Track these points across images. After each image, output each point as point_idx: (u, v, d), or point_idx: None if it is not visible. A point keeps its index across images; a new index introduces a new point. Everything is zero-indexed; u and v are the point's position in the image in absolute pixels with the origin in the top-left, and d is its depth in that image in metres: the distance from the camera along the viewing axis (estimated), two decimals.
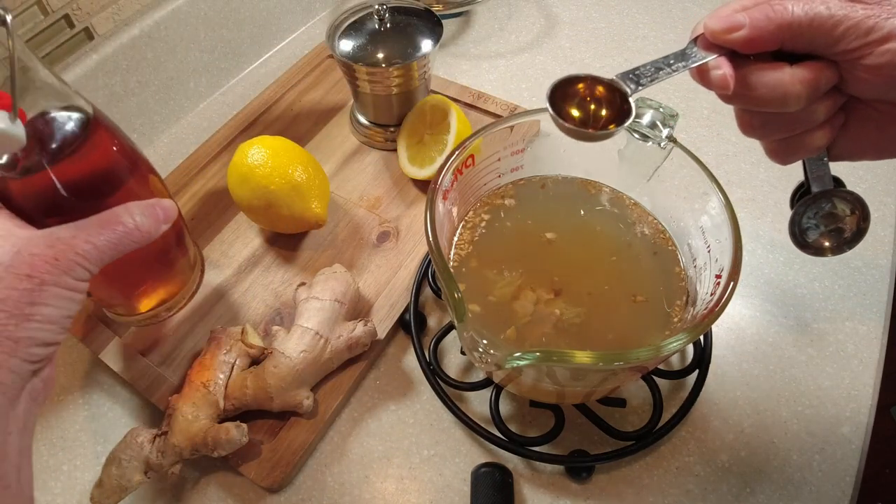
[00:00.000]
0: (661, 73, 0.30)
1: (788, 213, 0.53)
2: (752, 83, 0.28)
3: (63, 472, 0.43)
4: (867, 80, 0.27)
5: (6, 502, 0.25)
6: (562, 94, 0.32)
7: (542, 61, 0.69)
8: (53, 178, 0.32)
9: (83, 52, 0.54)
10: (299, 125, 0.62)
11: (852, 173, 0.56)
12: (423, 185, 0.56)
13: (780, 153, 0.32)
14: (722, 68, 0.28)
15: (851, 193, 0.35)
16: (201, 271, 0.48)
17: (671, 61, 0.30)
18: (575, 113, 0.32)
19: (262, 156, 0.48)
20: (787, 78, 0.28)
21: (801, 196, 0.37)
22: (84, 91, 0.37)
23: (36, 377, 0.28)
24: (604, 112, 0.32)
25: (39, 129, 0.32)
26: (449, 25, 0.74)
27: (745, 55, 0.29)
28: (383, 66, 0.52)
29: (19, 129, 0.28)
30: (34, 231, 0.30)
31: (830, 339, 0.46)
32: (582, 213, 0.44)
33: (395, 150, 0.58)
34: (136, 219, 0.32)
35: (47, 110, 0.32)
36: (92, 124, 0.34)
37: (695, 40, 0.30)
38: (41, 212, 0.33)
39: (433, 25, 0.54)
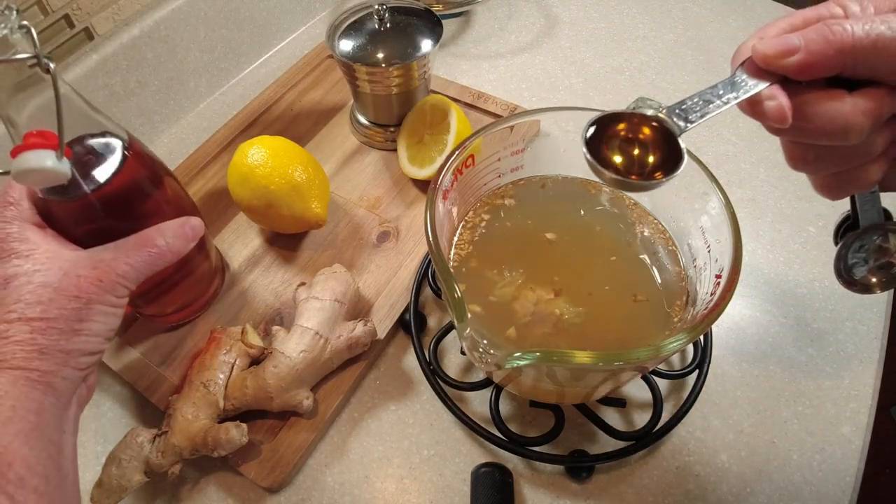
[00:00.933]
0: (710, 106, 0.27)
1: (788, 213, 0.54)
2: (808, 114, 0.25)
3: None
4: None
5: (67, 491, 0.29)
6: (600, 134, 0.29)
7: (542, 61, 0.69)
8: (94, 201, 0.35)
9: (83, 52, 0.54)
10: (299, 125, 0.62)
11: None
12: (423, 185, 0.56)
13: (832, 188, 0.29)
14: (777, 98, 0.25)
15: None
16: (223, 274, 0.50)
17: (720, 92, 0.26)
18: (617, 158, 0.29)
19: (262, 156, 0.48)
20: (847, 108, 0.24)
21: (846, 229, 0.34)
22: (84, 91, 0.37)
23: (83, 383, 0.32)
24: (650, 156, 0.28)
25: (81, 158, 0.35)
26: (449, 25, 0.74)
27: (798, 82, 0.25)
28: (383, 66, 0.52)
29: (65, 167, 0.31)
30: (78, 252, 0.33)
31: (830, 339, 0.46)
32: (582, 213, 0.44)
33: (395, 150, 0.58)
34: (167, 240, 0.36)
35: (85, 139, 0.35)
36: (126, 149, 0.37)
37: (742, 64, 0.26)
38: (82, 231, 0.36)
39: (433, 25, 0.54)
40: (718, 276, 0.34)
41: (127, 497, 0.38)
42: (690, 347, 0.44)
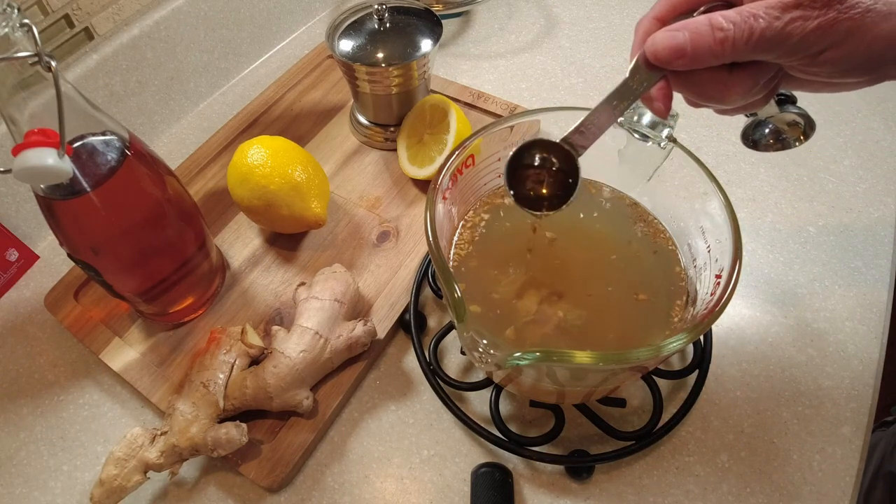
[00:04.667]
0: (605, 122, 0.31)
1: (788, 213, 0.54)
2: (696, 86, 0.30)
3: (63, 472, 0.43)
4: (807, 78, 0.29)
5: None
6: (519, 165, 0.33)
7: (542, 61, 0.69)
8: (95, 199, 0.35)
9: (83, 52, 0.54)
10: (299, 125, 0.62)
11: (852, 173, 0.56)
12: (423, 185, 0.56)
13: (725, 113, 0.34)
14: (659, 101, 0.31)
15: (796, 109, 0.36)
16: (223, 274, 0.50)
17: (615, 103, 0.31)
18: (531, 186, 0.34)
19: (261, 156, 0.48)
20: (729, 82, 0.29)
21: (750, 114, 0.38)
22: (84, 91, 0.37)
23: None
24: (560, 176, 0.34)
25: (82, 157, 0.35)
26: (449, 25, 0.74)
27: None
28: (383, 65, 0.52)
29: (67, 165, 0.31)
30: None
31: (830, 339, 0.46)
32: (582, 213, 0.44)
33: (395, 149, 0.58)
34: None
35: (86, 137, 0.35)
36: (127, 148, 0.37)
37: (637, 58, 0.30)
38: (83, 229, 0.37)
39: (433, 25, 0.54)
40: (718, 276, 0.34)
41: (127, 497, 0.38)
42: (690, 347, 0.44)
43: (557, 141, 0.33)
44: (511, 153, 0.34)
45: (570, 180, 0.34)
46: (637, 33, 0.32)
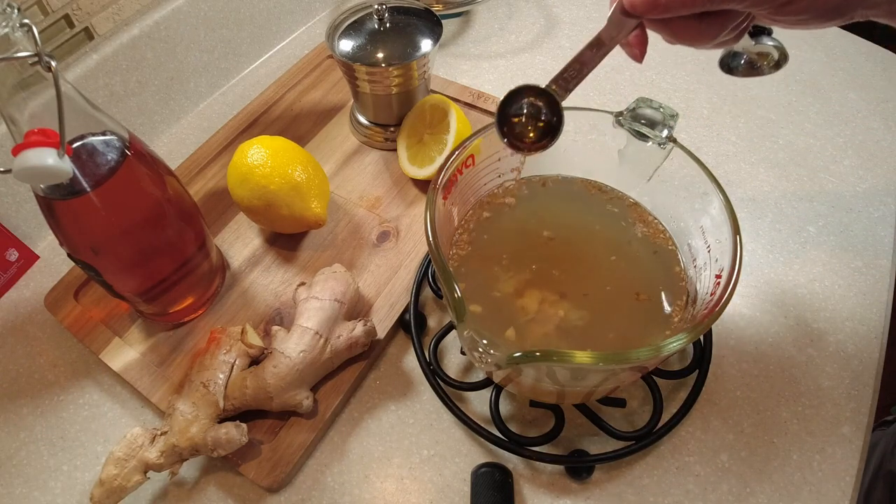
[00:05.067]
0: (584, 69, 0.35)
1: (788, 213, 0.54)
2: (672, 31, 0.32)
3: (63, 472, 0.43)
4: (777, 22, 0.31)
5: None
6: (508, 110, 0.35)
7: (542, 61, 0.69)
8: (95, 199, 0.36)
9: (83, 52, 0.54)
10: (299, 125, 0.62)
11: (852, 173, 0.56)
12: (423, 185, 0.56)
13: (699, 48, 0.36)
14: (634, 46, 0.34)
15: (771, 41, 0.37)
16: (223, 274, 0.50)
17: (594, 49, 0.34)
18: (520, 128, 0.36)
19: (261, 156, 0.48)
20: (700, 28, 0.31)
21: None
22: (84, 91, 0.37)
23: None
24: (542, 122, 0.36)
25: (82, 156, 0.35)
26: (449, 25, 0.74)
27: None
28: (383, 65, 0.52)
29: (66, 165, 0.31)
30: None
31: (830, 339, 0.46)
32: (582, 212, 0.44)
33: (395, 149, 0.58)
34: None
35: (86, 137, 0.35)
36: (127, 148, 0.37)
37: (616, 8, 0.33)
38: (83, 229, 0.37)
39: (433, 25, 0.54)
40: (718, 276, 0.34)
41: (127, 497, 0.38)
42: (690, 347, 0.44)
43: (543, 87, 0.35)
44: (501, 99, 0.36)
45: (556, 120, 0.36)
46: None
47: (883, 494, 0.70)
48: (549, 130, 0.36)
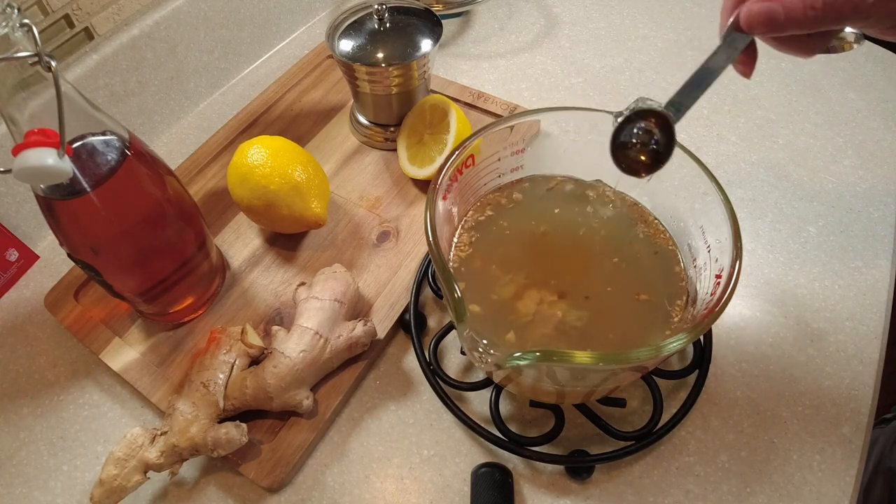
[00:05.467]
0: (703, 85, 0.35)
1: (788, 213, 0.54)
2: (775, 43, 0.34)
3: (63, 472, 0.43)
4: (886, 37, 0.32)
5: None
6: (617, 134, 0.36)
7: (542, 61, 0.69)
8: (95, 199, 0.36)
9: (83, 52, 0.54)
10: (299, 125, 0.62)
11: (852, 173, 0.56)
12: (423, 185, 0.56)
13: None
14: (745, 64, 0.35)
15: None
16: (223, 274, 0.50)
17: (710, 67, 0.35)
18: (633, 153, 0.36)
19: (261, 156, 0.48)
20: (809, 42, 0.33)
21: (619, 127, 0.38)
22: (84, 91, 0.37)
23: None
24: (652, 145, 0.36)
25: (82, 156, 0.35)
26: (449, 25, 0.74)
27: None
28: (383, 65, 0.52)
29: (66, 165, 0.31)
30: None
31: (830, 339, 0.46)
32: (582, 213, 0.44)
33: (395, 149, 0.58)
34: None
35: (87, 137, 0.35)
36: (127, 148, 0.37)
37: (731, 23, 0.33)
38: (83, 229, 0.37)
39: (433, 25, 0.54)
40: (718, 276, 0.34)
41: (127, 497, 0.38)
42: (690, 347, 0.44)
43: (659, 110, 0.35)
44: (617, 123, 0.36)
45: (668, 141, 0.36)
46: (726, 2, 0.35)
47: (882, 491, 0.70)
48: (660, 154, 0.36)
